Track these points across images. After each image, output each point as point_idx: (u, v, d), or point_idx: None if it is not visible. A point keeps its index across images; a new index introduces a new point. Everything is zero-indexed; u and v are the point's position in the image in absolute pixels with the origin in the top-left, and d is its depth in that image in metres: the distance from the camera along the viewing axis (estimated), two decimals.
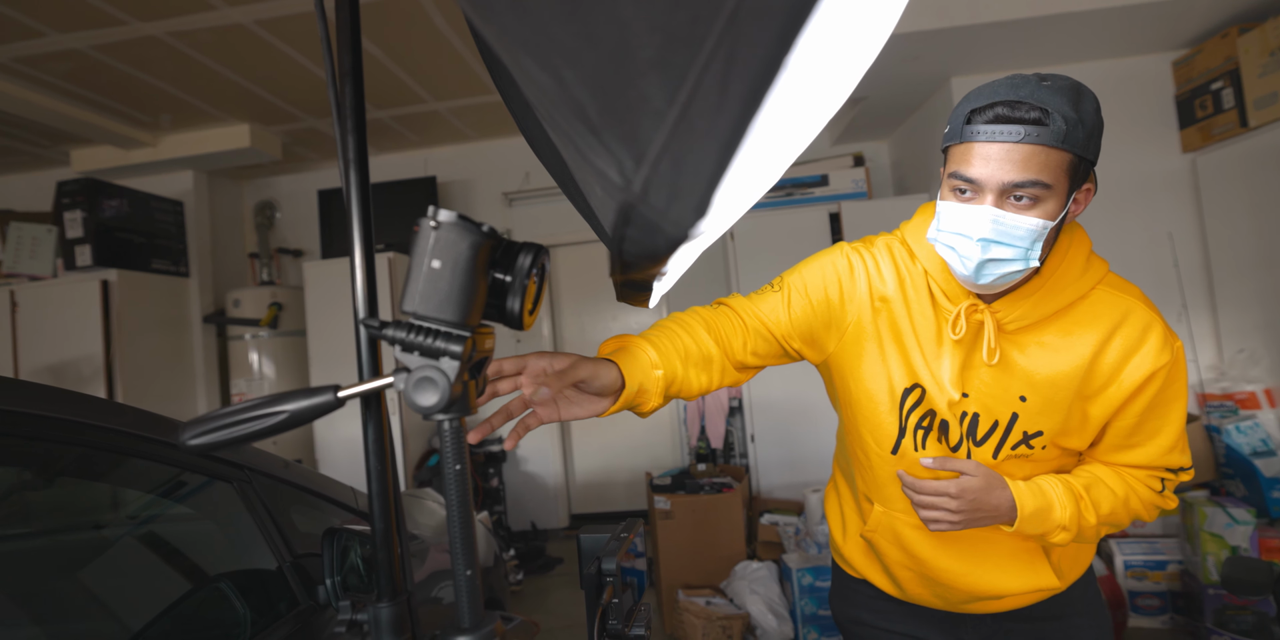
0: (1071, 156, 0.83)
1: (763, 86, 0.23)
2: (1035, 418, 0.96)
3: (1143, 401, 0.94)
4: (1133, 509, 0.99)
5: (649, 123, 0.24)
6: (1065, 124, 0.81)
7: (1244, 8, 2.89)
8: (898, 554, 1.07)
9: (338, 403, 0.42)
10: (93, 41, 2.86)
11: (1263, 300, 2.90)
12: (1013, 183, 0.83)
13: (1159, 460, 0.98)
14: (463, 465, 0.43)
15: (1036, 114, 0.81)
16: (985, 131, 0.83)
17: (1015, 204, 0.84)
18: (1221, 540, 2.35)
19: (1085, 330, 0.94)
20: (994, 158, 0.83)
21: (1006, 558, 1.03)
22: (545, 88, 0.27)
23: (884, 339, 1.01)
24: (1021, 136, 0.81)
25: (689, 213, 0.24)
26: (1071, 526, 0.95)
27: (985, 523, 0.95)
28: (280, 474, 1.20)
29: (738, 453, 3.97)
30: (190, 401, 4.08)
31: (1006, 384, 0.96)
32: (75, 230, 3.55)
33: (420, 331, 0.40)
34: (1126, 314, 0.94)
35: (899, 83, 3.44)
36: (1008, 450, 0.98)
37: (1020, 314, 0.93)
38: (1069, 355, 0.94)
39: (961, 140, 0.86)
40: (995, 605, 1.06)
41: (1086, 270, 0.95)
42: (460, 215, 0.38)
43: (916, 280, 1.01)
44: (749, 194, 0.31)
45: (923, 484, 0.95)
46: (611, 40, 0.27)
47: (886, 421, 1.02)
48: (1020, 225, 0.84)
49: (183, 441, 0.41)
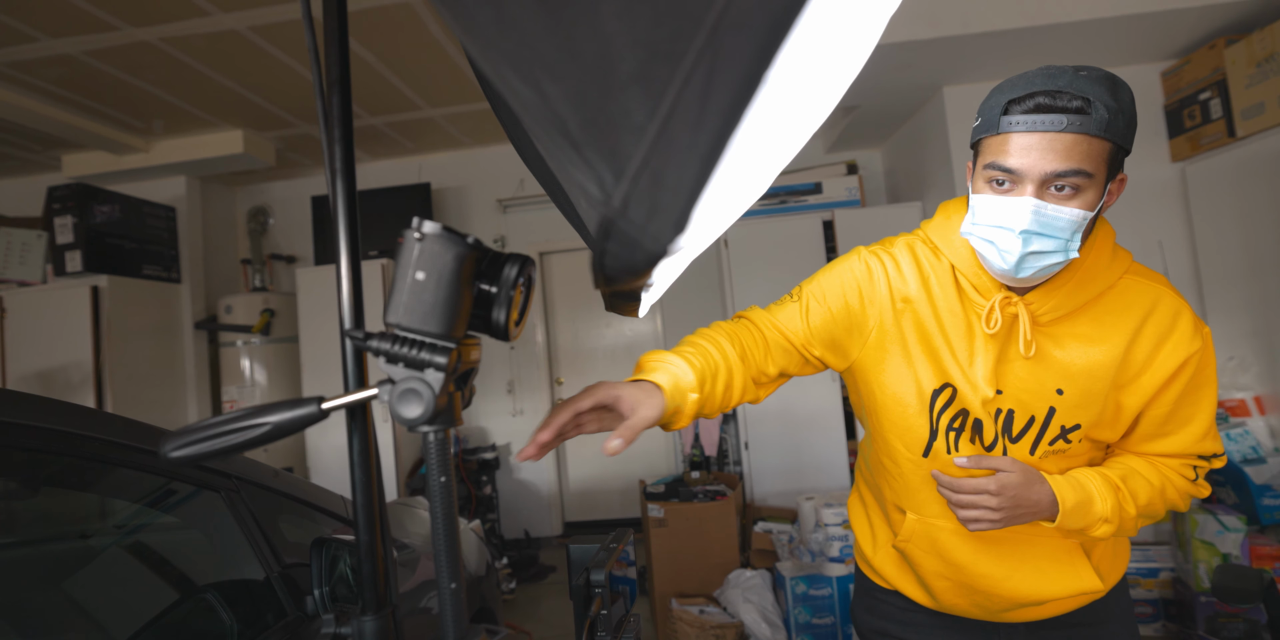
0: (1111, 146, 0.82)
1: (742, 101, 0.23)
2: (1073, 411, 0.94)
3: (1176, 389, 0.93)
4: (1169, 499, 0.97)
5: (629, 138, 0.24)
6: (1107, 113, 0.80)
7: (1231, 19, 2.92)
8: (934, 563, 1.04)
9: (322, 414, 0.41)
10: (85, 47, 2.86)
11: (1251, 308, 2.92)
12: (1055, 172, 0.81)
13: (1192, 447, 0.97)
14: (448, 477, 0.42)
15: (1079, 103, 0.80)
16: (1025, 121, 0.82)
17: (1056, 194, 0.83)
18: (1213, 547, 2.35)
19: (1117, 319, 0.93)
20: (1035, 147, 0.81)
21: (1047, 560, 1.01)
22: (528, 102, 0.27)
23: (909, 340, 0.99)
24: (1064, 125, 0.80)
25: (668, 228, 0.24)
26: (1114, 519, 0.92)
27: (1026, 519, 0.92)
28: (269, 483, 1.19)
29: (732, 460, 3.96)
30: (181, 408, 4.05)
31: (1042, 378, 0.94)
32: (65, 236, 3.53)
33: (405, 343, 0.39)
34: (1156, 301, 0.93)
35: (891, 92, 3.46)
36: (1045, 446, 0.96)
37: (1054, 305, 0.92)
38: (1104, 345, 0.92)
39: (999, 131, 0.84)
40: (1034, 613, 1.03)
41: (1114, 259, 0.94)
42: (445, 227, 0.38)
43: (942, 277, 0.99)
44: (731, 209, 0.31)
45: (960, 482, 0.92)
46: (594, 54, 0.27)
47: (916, 424, 0.99)
48: (1062, 216, 0.83)
49: (165, 453, 0.41)
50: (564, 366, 4.76)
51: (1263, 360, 2.89)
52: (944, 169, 3.48)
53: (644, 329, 4.74)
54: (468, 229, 4.64)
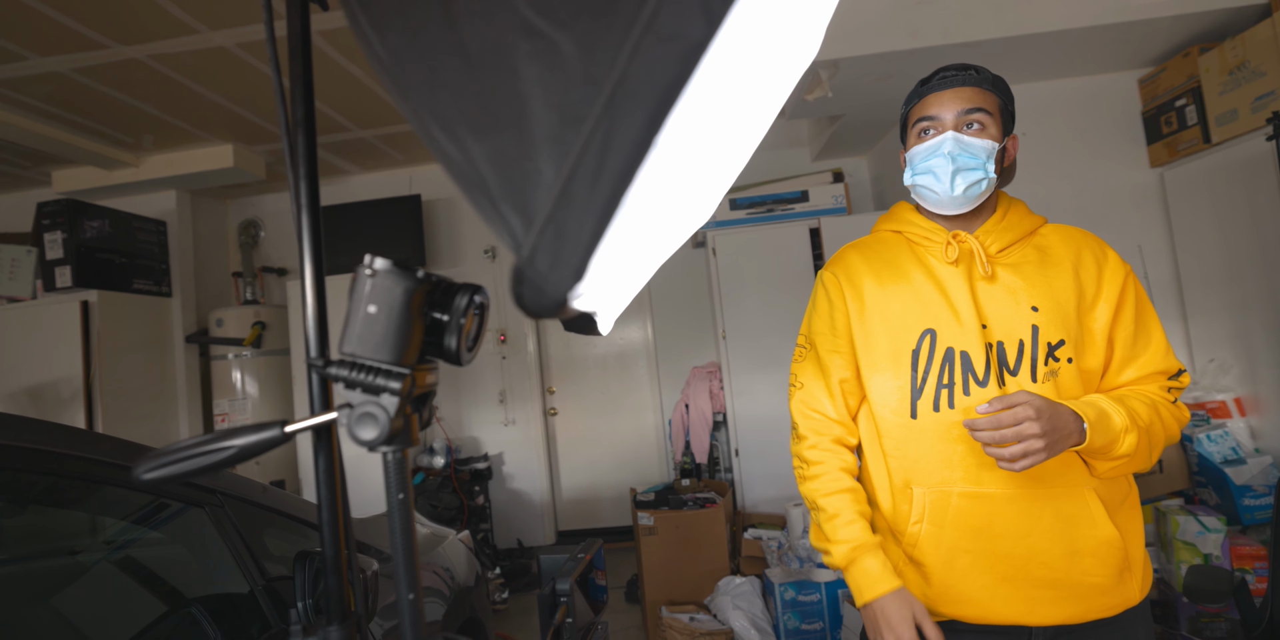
0: (999, 100, 1.10)
1: (634, 163, 0.26)
2: (1051, 326, 1.04)
3: (1130, 307, 1.08)
4: (1164, 419, 1.04)
5: (539, 194, 0.27)
6: (992, 76, 1.10)
7: (1204, 28, 2.98)
8: (951, 536, 1.04)
9: (285, 437, 0.44)
10: (74, 65, 2.88)
11: (1230, 311, 2.97)
12: (964, 110, 1.07)
13: (1163, 363, 1.08)
14: (405, 494, 0.45)
15: (971, 70, 1.10)
16: (936, 84, 1.10)
17: (969, 131, 1.07)
18: (1194, 548, 2.39)
19: (1055, 247, 1.11)
20: (946, 98, 1.09)
21: (1065, 509, 1.02)
22: (454, 159, 0.30)
23: (876, 310, 1.13)
24: (964, 81, 1.08)
25: (567, 277, 0.27)
26: (1132, 427, 0.97)
27: (1063, 444, 0.94)
28: (256, 498, 1.21)
29: (723, 467, 3.99)
30: (172, 422, 4.06)
31: (1016, 300, 1.06)
32: (55, 251, 3.54)
33: (361, 369, 0.42)
34: (1082, 236, 1.13)
35: (875, 100, 3.51)
36: (1042, 368, 1.03)
37: (995, 237, 1.10)
38: (1055, 267, 1.09)
39: (919, 97, 1.12)
40: (1062, 611, 1.02)
41: (1032, 214, 1.16)
42: (395, 262, 0.41)
43: (893, 245, 1.17)
44: (644, 260, 0.34)
45: (1000, 416, 0.92)
46: (513, 116, 0.30)
47: (901, 385, 1.09)
48: (976, 142, 1.06)
49: (137, 476, 0.43)
50: (555, 376, 4.79)
51: (1242, 362, 2.93)
52: None
53: (635, 337, 4.76)
54: (458, 240, 4.67)
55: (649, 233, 0.33)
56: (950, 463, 1.04)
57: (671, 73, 0.26)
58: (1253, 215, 2.79)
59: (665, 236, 0.36)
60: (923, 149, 1.09)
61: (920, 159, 1.10)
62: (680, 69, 0.26)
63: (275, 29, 0.52)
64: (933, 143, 1.08)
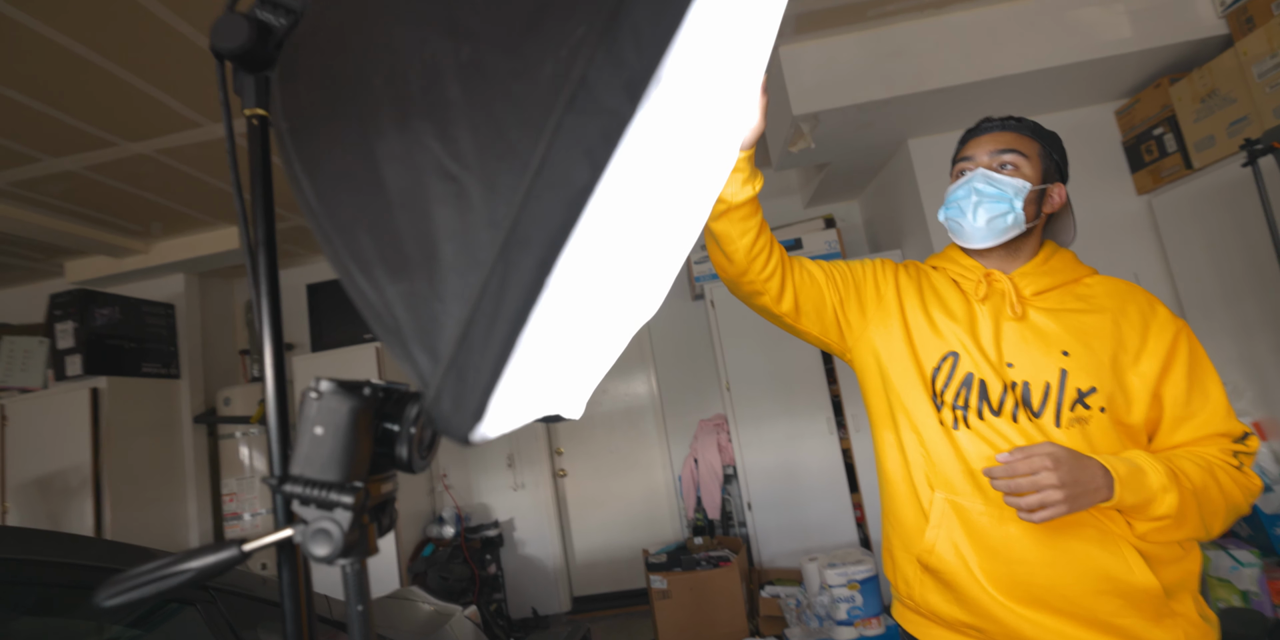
0: (1040, 146, 1.11)
1: (526, 307, 0.27)
2: (1084, 372, 1.00)
3: (1182, 364, 1.01)
4: (1222, 484, 0.95)
5: (445, 336, 0.29)
6: (1035, 124, 1.13)
7: (1171, 60, 3.06)
8: (970, 546, 1.00)
9: (243, 556, 0.45)
10: (85, 163, 3.01)
11: (1234, 334, 2.94)
12: (996, 150, 1.10)
13: (1223, 424, 1.00)
14: (365, 606, 0.45)
15: (1012, 119, 1.13)
16: (977, 130, 1.15)
17: (1001, 170, 1.09)
18: (1230, 585, 2.29)
19: (1098, 298, 1.08)
20: (984, 141, 1.13)
21: (1093, 547, 0.96)
22: (371, 302, 0.31)
23: (909, 317, 1.13)
24: (1003, 127, 1.13)
25: (468, 419, 0.28)
26: (1172, 486, 0.90)
27: (1087, 498, 0.88)
28: (253, 591, 1.20)
29: (736, 521, 3.90)
30: (181, 505, 4.03)
31: (1046, 343, 1.03)
32: (66, 341, 3.61)
33: (314, 486, 0.43)
34: (1129, 289, 1.10)
35: (858, 148, 3.59)
36: (1067, 413, 0.98)
37: (1032, 280, 1.10)
38: (1093, 314, 1.05)
39: (962, 143, 1.16)
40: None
41: (1079, 263, 1.15)
42: (340, 383, 0.42)
43: (939, 278, 1.18)
44: (581, 367, 0.35)
45: (1016, 464, 0.89)
46: (424, 258, 0.32)
47: (924, 395, 1.08)
48: (1004, 179, 1.08)
49: (98, 603, 0.44)
50: (563, 436, 4.75)
51: (1255, 385, 2.88)
52: (917, 216, 3.57)
53: (640, 392, 4.74)
54: None
55: (577, 348, 0.34)
56: (968, 477, 1.01)
57: (559, 217, 0.28)
58: (1243, 237, 2.80)
59: (603, 342, 0.38)
60: (954, 186, 1.13)
61: (951, 195, 1.14)
62: (567, 214, 0.28)
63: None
64: (963, 180, 1.12)
